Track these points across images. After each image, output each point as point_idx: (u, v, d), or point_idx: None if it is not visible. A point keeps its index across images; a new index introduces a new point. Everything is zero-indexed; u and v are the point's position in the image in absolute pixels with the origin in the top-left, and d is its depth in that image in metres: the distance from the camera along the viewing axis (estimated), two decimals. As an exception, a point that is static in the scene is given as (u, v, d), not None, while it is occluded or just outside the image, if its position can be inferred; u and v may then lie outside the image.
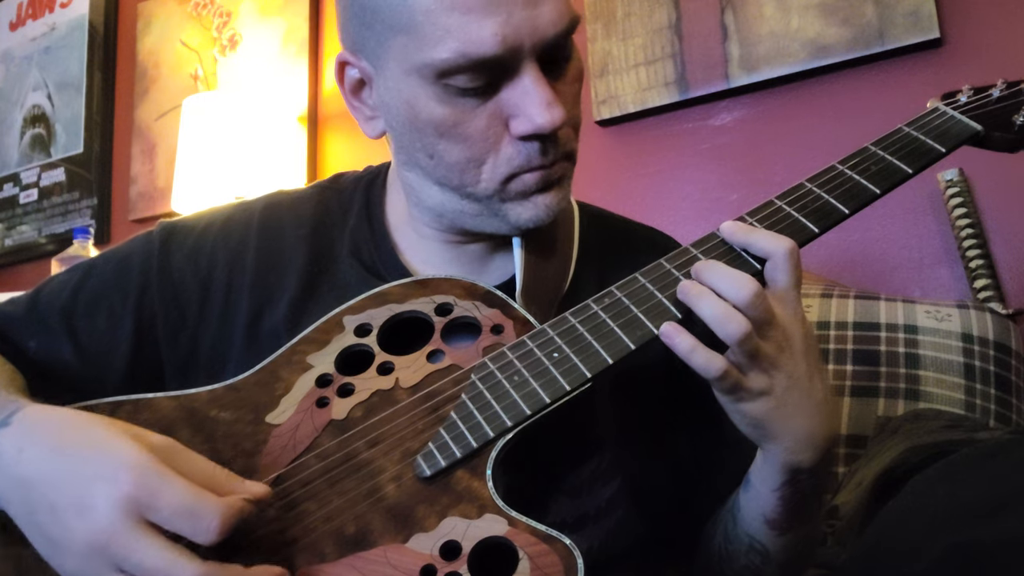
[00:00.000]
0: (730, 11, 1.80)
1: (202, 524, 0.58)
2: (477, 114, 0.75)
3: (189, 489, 0.59)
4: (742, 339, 0.68)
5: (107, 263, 0.89)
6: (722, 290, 0.70)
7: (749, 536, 0.82)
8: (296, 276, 0.86)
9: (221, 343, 0.85)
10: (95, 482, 0.59)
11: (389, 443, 0.70)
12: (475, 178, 0.78)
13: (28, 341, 0.85)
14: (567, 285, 0.87)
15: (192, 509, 0.58)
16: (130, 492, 0.58)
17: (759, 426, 0.73)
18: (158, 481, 0.58)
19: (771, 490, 0.77)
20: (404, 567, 0.63)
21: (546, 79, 0.75)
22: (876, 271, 1.63)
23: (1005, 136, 0.87)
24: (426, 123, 0.76)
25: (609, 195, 1.89)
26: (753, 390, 0.71)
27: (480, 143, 0.76)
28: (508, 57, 0.72)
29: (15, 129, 2.96)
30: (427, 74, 0.74)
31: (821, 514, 0.86)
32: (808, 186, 0.80)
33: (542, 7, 0.73)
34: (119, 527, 0.57)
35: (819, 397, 0.73)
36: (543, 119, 0.73)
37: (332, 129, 2.36)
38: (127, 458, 0.60)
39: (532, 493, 0.75)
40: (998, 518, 0.68)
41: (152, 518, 0.58)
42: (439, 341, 0.76)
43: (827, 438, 0.75)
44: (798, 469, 0.75)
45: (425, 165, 0.80)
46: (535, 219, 0.79)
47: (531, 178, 0.77)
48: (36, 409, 0.68)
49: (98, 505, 0.58)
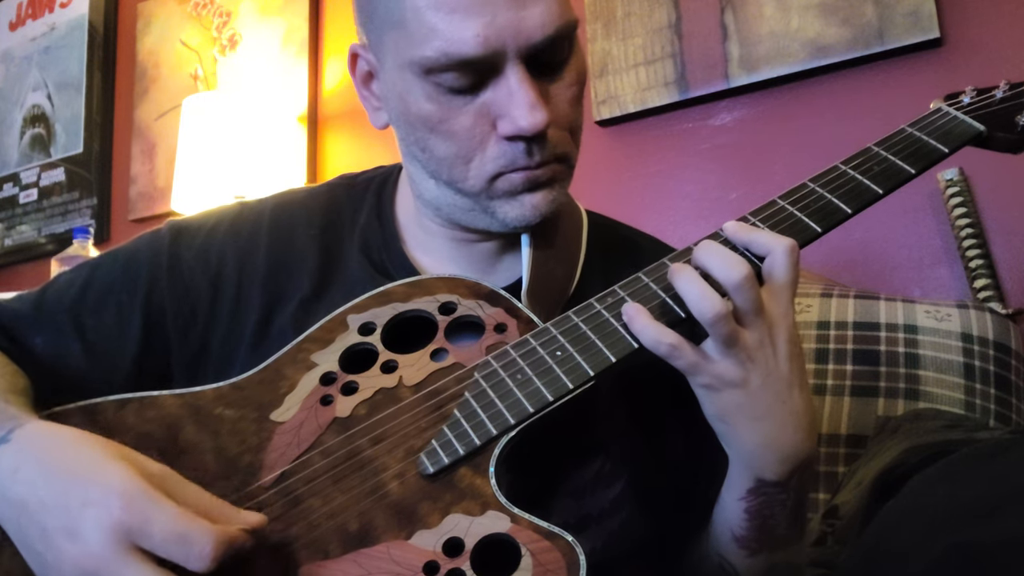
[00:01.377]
0: (730, 11, 1.80)
1: (195, 550, 0.57)
2: (464, 112, 0.76)
3: (181, 515, 0.58)
4: (715, 319, 0.68)
5: (115, 261, 0.89)
6: (713, 269, 0.70)
7: (719, 555, 0.81)
8: (308, 276, 0.87)
9: (231, 341, 0.85)
10: (86, 507, 0.59)
11: (393, 440, 0.70)
12: (463, 174, 0.79)
13: (34, 338, 0.84)
14: (573, 288, 0.88)
15: (184, 535, 0.57)
16: (120, 518, 0.57)
17: (724, 419, 0.72)
18: (149, 507, 0.58)
19: (736, 499, 0.77)
20: (407, 563, 0.63)
21: (533, 81, 0.75)
22: (876, 271, 1.63)
23: (1008, 137, 0.87)
24: (416, 117, 0.78)
25: (609, 195, 1.89)
26: (724, 378, 0.70)
27: (467, 140, 0.77)
28: (491, 58, 0.73)
29: (15, 129, 2.96)
30: (416, 70, 0.75)
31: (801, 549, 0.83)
32: (811, 186, 0.81)
33: (530, 9, 0.73)
34: (109, 553, 0.57)
35: (796, 407, 0.72)
36: (525, 121, 0.74)
37: (332, 129, 2.37)
38: (118, 484, 0.59)
39: (535, 494, 0.75)
40: (998, 518, 0.68)
41: (143, 544, 0.57)
42: (443, 340, 0.77)
43: (797, 452, 0.73)
44: (762, 479, 0.74)
45: (420, 158, 0.81)
46: (522, 218, 0.79)
47: (517, 178, 0.78)
48: (35, 427, 0.67)
49: (88, 530, 0.58)
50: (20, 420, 0.68)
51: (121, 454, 0.63)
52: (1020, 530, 0.66)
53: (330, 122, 2.37)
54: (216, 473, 0.69)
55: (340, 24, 2.40)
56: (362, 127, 2.31)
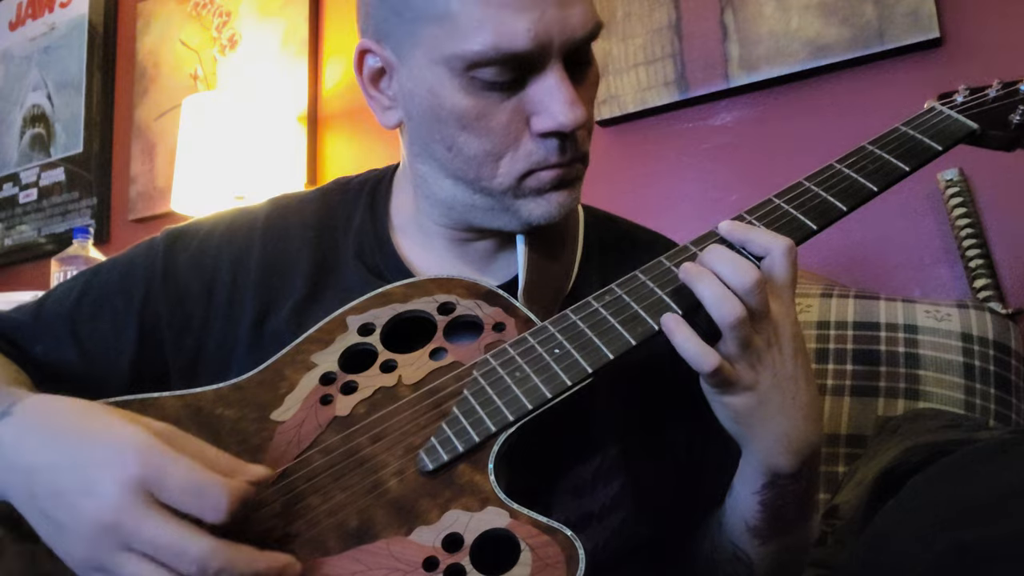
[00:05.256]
0: (730, 11, 1.80)
1: (210, 502, 0.58)
2: (501, 108, 0.76)
3: (196, 468, 0.59)
4: (737, 323, 0.69)
5: (111, 269, 0.90)
6: (724, 274, 0.70)
7: (733, 544, 0.83)
8: (302, 279, 0.87)
9: (226, 344, 0.85)
10: (101, 465, 0.59)
11: (392, 438, 0.71)
12: (492, 172, 0.79)
13: (34, 346, 0.86)
14: (570, 285, 0.88)
15: (200, 487, 0.58)
16: (137, 472, 0.58)
17: (739, 422, 0.74)
18: (164, 460, 0.59)
19: (751, 493, 0.78)
20: (407, 559, 0.63)
21: (569, 79, 0.76)
22: (876, 271, 1.63)
23: (1001, 135, 0.88)
24: (449, 114, 0.77)
25: (609, 195, 1.89)
26: (739, 383, 0.72)
27: (501, 137, 0.77)
28: (537, 54, 0.74)
29: (15, 129, 2.96)
30: (456, 65, 0.75)
31: (810, 527, 0.85)
32: (806, 184, 0.81)
33: (573, 8, 0.75)
34: (128, 505, 0.58)
35: (803, 401, 0.74)
36: (565, 117, 0.75)
37: (332, 129, 2.37)
38: (132, 440, 0.60)
39: (536, 492, 0.76)
40: (998, 518, 0.68)
41: (160, 497, 0.58)
42: (441, 339, 0.77)
43: (809, 444, 0.75)
44: (778, 473, 0.75)
45: (441, 157, 0.81)
46: (547, 216, 0.80)
47: (547, 175, 0.79)
48: (37, 399, 0.68)
49: (105, 486, 0.58)
50: (20, 395, 0.69)
51: (126, 415, 0.64)
52: (1020, 530, 0.66)
53: (330, 122, 2.37)
54: None
55: (340, 24, 2.40)
56: (362, 127, 2.31)
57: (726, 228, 0.77)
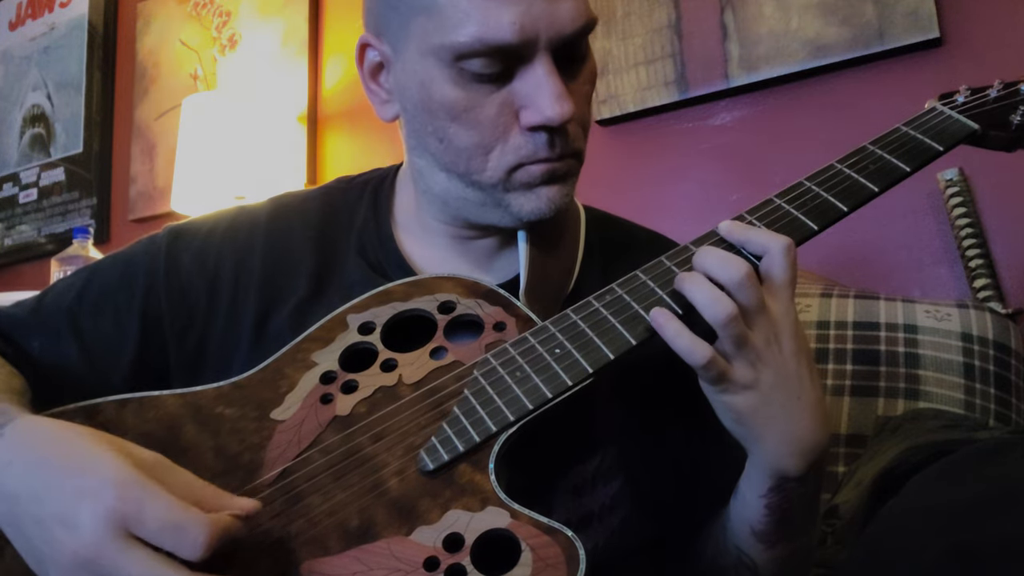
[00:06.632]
0: (730, 11, 1.80)
1: (188, 539, 0.57)
2: (489, 101, 0.77)
3: (175, 504, 0.58)
4: (728, 320, 0.69)
5: (112, 266, 0.90)
6: (713, 272, 0.71)
7: (738, 549, 0.82)
8: (305, 278, 0.87)
9: (228, 342, 0.85)
10: (80, 497, 0.59)
11: (392, 438, 0.71)
12: (481, 165, 0.79)
13: (32, 342, 0.85)
14: (571, 285, 0.88)
15: (178, 524, 0.57)
16: (115, 506, 0.57)
17: (743, 423, 0.73)
18: (143, 495, 0.58)
19: (757, 496, 0.77)
20: (407, 559, 0.63)
21: (559, 74, 0.76)
22: (876, 271, 1.63)
23: (1002, 135, 0.88)
24: (439, 105, 0.78)
25: (609, 194, 1.89)
26: (738, 382, 0.71)
27: (489, 130, 0.77)
28: (524, 46, 0.74)
29: (15, 129, 2.96)
30: (444, 56, 0.75)
31: (815, 531, 0.85)
32: (807, 184, 0.81)
33: (562, 3, 0.75)
34: (106, 541, 0.57)
35: (809, 400, 0.73)
36: (552, 111, 0.74)
37: (332, 129, 2.37)
38: (112, 473, 0.59)
39: (536, 491, 0.76)
40: (998, 518, 0.68)
41: (138, 532, 0.57)
42: (442, 338, 0.77)
43: (816, 445, 0.74)
44: (784, 476, 0.75)
45: (435, 150, 0.81)
46: (537, 211, 0.80)
47: (536, 169, 0.78)
48: (27, 421, 0.68)
49: (84, 519, 0.58)
50: (11, 415, 0.68)
51: (114, 444, 0.63)
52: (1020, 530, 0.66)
53: (330, 122, 2.37)
54: (217, 471, 0.69)
55: (340, 24, 2.40)
56: (362, 126, 2.31)
57: (726, 228, 0.77)
